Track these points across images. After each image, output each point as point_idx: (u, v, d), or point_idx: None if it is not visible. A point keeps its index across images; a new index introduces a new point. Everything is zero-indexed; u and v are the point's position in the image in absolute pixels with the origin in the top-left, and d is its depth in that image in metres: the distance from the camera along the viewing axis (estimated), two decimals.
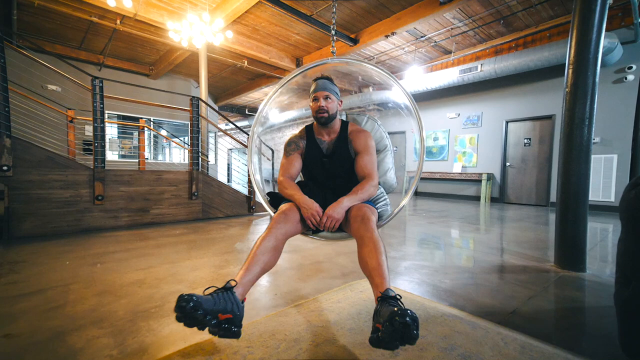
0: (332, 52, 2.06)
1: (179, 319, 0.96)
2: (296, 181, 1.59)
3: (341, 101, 1.62)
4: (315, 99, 1.54)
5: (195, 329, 1.00)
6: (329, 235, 1.47)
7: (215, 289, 1.09)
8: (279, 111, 1.98)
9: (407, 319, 0.88)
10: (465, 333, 1.30)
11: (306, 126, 1.70)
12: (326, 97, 1.53)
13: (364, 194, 1.43)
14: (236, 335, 1.06)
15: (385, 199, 1.65)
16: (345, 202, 1.37)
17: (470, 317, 1.45)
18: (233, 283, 1.12)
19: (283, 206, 1.40)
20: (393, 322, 0.89)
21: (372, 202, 1.55)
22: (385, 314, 0.93)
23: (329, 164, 1.60)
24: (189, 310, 0.94)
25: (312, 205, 1.35)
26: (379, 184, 1.69)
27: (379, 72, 1.75)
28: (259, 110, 1.82)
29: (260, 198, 1.69)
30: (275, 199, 1.55)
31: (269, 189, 1.73)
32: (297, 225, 1.36)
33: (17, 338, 1.27)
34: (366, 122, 1.82)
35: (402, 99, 1.76)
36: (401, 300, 1.01)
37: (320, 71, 1.76)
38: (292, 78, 1.78)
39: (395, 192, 1.83)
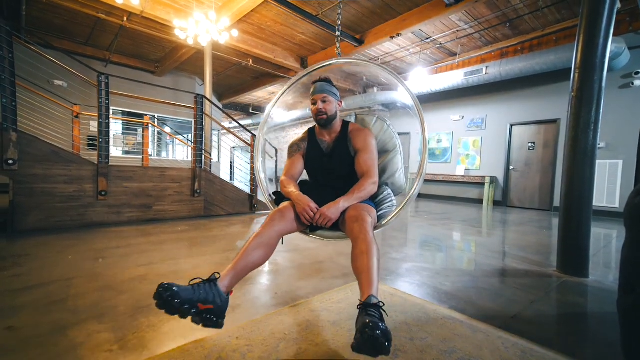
0: (338, 54, 2.01)
1: (158, 307, 0.98)
2: (299, 180, 1.63)
3: (340, 101, 1.61)
4: (314, 102, 1.56)
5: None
6: (326, 234, 1.45)
7: (201, 280, 1.11)
8: (284, 110, 1.99)
9: (377, 332, 0.88)
10: (465, 336, 1.29)
11: (309, 129, 1.72)
12: (324, 100, 1.54)
13: (361, 192, 1.42)
14: (218, 325, 1.08)
15: (391, 201, 1.62)
16: (342, 203, 1.36)
17: (470, 321, 1.44)
18: (217, 275, 1.14)
19: (282, 204, 1.41)
20: (363, 333, 0.89)
21: (378, 203, 1.56)
22: (359, 324, 0.93)
23: (328, 163, 1.61)
24: (166, 298, 0.97)
25: (305, 201, 1.34)
26: (387, 184, 1.70)
27: (384, 71, 1.70)
28: (266, 112, 1.84)
29: (264, 197, 1.71)
30: (279, 198, 1.56)
31: (272, 187, 1.80)
32: (292, 223, 1.34)
33: (19, 331, 1.28)
34: (375, 122, 1.80)
35: (408, 99, 1.68)
36: (383, 307, 1.01)
37: (326, 71, 1.78)
38: (299, 80, 1.81)
39: (403, 194, 1.78)
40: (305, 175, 1.71)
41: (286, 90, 1.83)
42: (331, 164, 1.60)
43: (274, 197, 1.62)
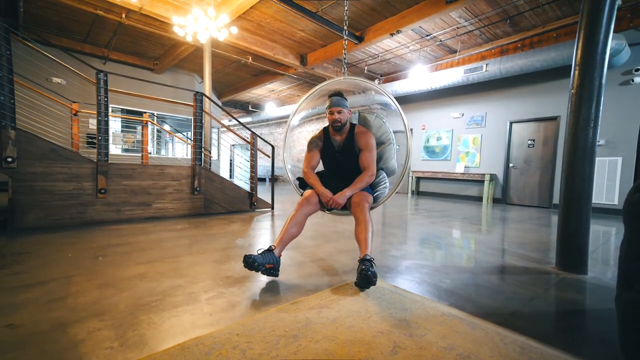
0: (344, 55, 2.50)
1: (245, 266, 1.71)
2: (316, 170, 2.17)
3: (350, 111, 2.11)
4: (331, 113, 2.05)
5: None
6: (338, 212, 2.07)
7: (263, 250, 1.81)
8: (295, 115, 2.37)
9: (368, 272, 1.62)
10: (464, 333, 1.30)
11: (324, 128, 2.20)
12: (339, 112, 2.04)
13: (361, 184, 2.00)
14: (276, 275, 1.83)
15: (385, 183, 2.17)
16: (347, 193, 1.97)
17: (470, 317, 1.45)
18: (273, 247, 1.84)
19: (306, 192, 2.03)
20: (361, 273, 1.65)
21: (374, 184, 2.13)
22: (359, 269, 1.69)
23: (340, 158, 2.14)
24: (251, 262, 1.69)
25: (327, 194, 1.97)
26: (382, 169, 2.24)
27: (380, 91, 2.28)
28: (289, 120, 2.38)
29: (291, 181, 2.34)
30: (302, 182, 2.18)
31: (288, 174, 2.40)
32: (315, 205, 1.98)
33: (19, 328, 1.28)
34: (375, 119, 2.31)
35: (399, 107, 2.23)
36: (374, 261, 1.73)
37: (334, 83, 2.33)
38: (314, 92, 2.29)
39: (400, 193, 2.21)
40: (319, 166, 2.25)
41: (305, 99, 2.32)
42: (342, 158, 2.13)
43: (298, 182, 2.21)
